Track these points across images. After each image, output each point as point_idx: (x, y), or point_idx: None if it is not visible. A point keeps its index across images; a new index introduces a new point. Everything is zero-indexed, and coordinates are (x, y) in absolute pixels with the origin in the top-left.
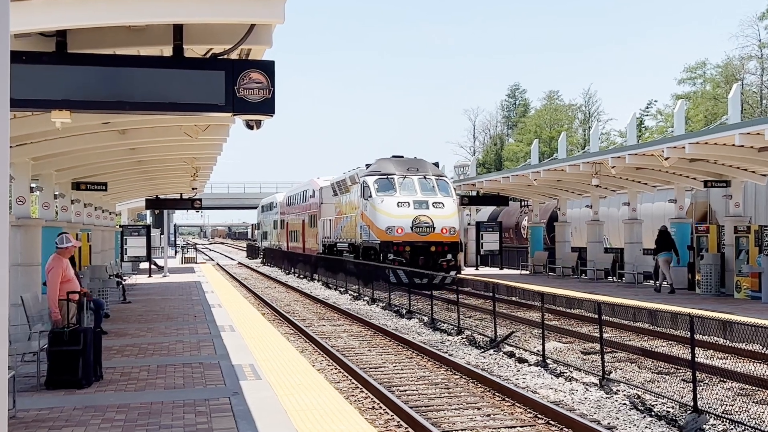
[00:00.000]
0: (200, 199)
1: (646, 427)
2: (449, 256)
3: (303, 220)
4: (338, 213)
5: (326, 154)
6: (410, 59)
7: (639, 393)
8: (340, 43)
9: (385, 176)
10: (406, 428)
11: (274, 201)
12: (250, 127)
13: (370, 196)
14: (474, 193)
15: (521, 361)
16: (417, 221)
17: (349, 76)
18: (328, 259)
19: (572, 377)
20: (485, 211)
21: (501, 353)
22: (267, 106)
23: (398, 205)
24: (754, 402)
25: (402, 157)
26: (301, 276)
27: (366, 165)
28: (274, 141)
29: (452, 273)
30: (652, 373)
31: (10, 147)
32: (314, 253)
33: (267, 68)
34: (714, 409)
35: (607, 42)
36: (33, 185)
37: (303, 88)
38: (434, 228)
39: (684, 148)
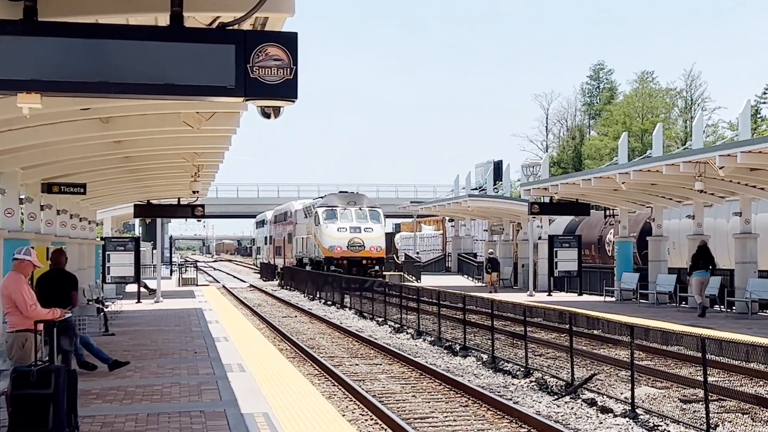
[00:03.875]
0: (202, 206)
1: None
2: (376, 268)
3: (284, 237)
4: (307, 233)
5: (361, 150)
6: (467, 31)
7: None
8: (377, 9)
9: (331, 207)
10: None
11: (265, 218)
12: (267, 116)
13: (319, 223)
14: (546, 199)
15: (605, 410)
16: (352, 242)
17: (389, 50)
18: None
19: (669, 431)
20: (560, 222)
21: (579, 401)
22: (287, 89)
23: (338, 230)
24: None
25: (346, 192)
26: (329, 302)
27: (322, 196)
28: (297, 133)
29: (378, 279)
30: None
31: None
32: (291, 265)
33: (288, 42)
34: None
35: (715, 11)
36: None
37: (333, 65)
38: (364, 247)
39: None
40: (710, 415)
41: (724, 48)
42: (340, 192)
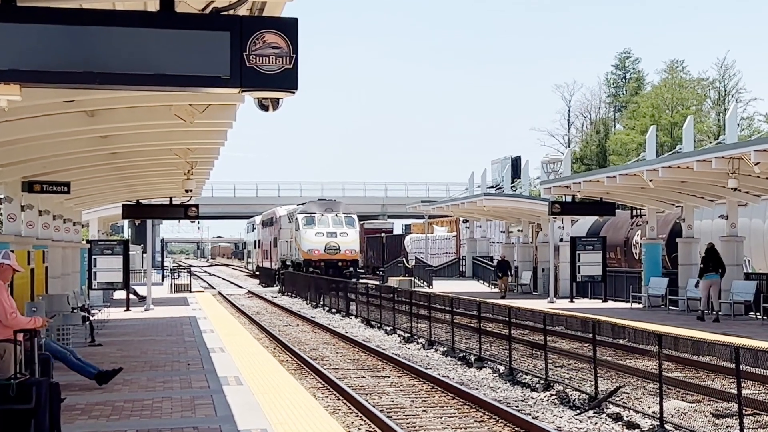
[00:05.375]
0: (196, 206)
1: None
2: (351, 269)
3: (270, 241)
4: (290, 237)
5: (368, 146)
6: (482, 17)
7: None
8: None
9: (310, 214)
10: None
11: (254, 222)
12: (265, 108)
13: (299, 228)
14: (568, 199)
15: (631, 426)
16: (328, 245)
17: (398, 38)
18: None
19: None
20: (584, 223)
21: (603, 416)
22: (287, 79)
23: (316, 235)
24: None
25: (324, 200)
26: (333, 310)
27: (302, 203)
28: (299, 127)
29: (353, 279)
30: None
31: None
32: (276, 267)
33: (287, 28)
34: None
35: None
36: None
37: (337, 53)
38: (340, 250)
39: None
40: (744, 430)
41: (760, 34)
42: (318, 200)
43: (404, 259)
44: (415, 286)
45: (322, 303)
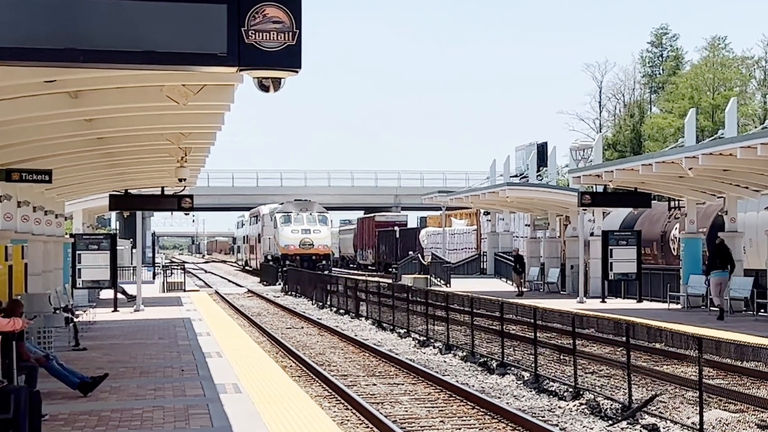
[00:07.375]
0: (191, 196)
1: None
2: (324, 262)
3: (255, 237)
4: (271, 234)
5: (380, 131)
6: None
7: None
8: None
9: (287, 213)
10: None
11: (243, 219)
12: (265, 89)
13: (276, 226)
14: (599, 189)
15: None
16: (303, 241)
17: (415, 14)
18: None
19: None
20: (617, 216)
21: (638, 427)
22: (289, 57)
23: (292, 232)
24: None
25: (300, 200)
26: (341, 311)
27: (281, 203)
28: (304, 110)
29: (326, 271)
30: None
31: None
32: (261, 262)
33: (290, 1)
34: None
35: None
36: None
37: (349, 30)
38: (313, 245)
39: None
40: None
41: None
42: (295, 200)
43: (419, 255)
44: (431, 284)
45: (329, 303)
